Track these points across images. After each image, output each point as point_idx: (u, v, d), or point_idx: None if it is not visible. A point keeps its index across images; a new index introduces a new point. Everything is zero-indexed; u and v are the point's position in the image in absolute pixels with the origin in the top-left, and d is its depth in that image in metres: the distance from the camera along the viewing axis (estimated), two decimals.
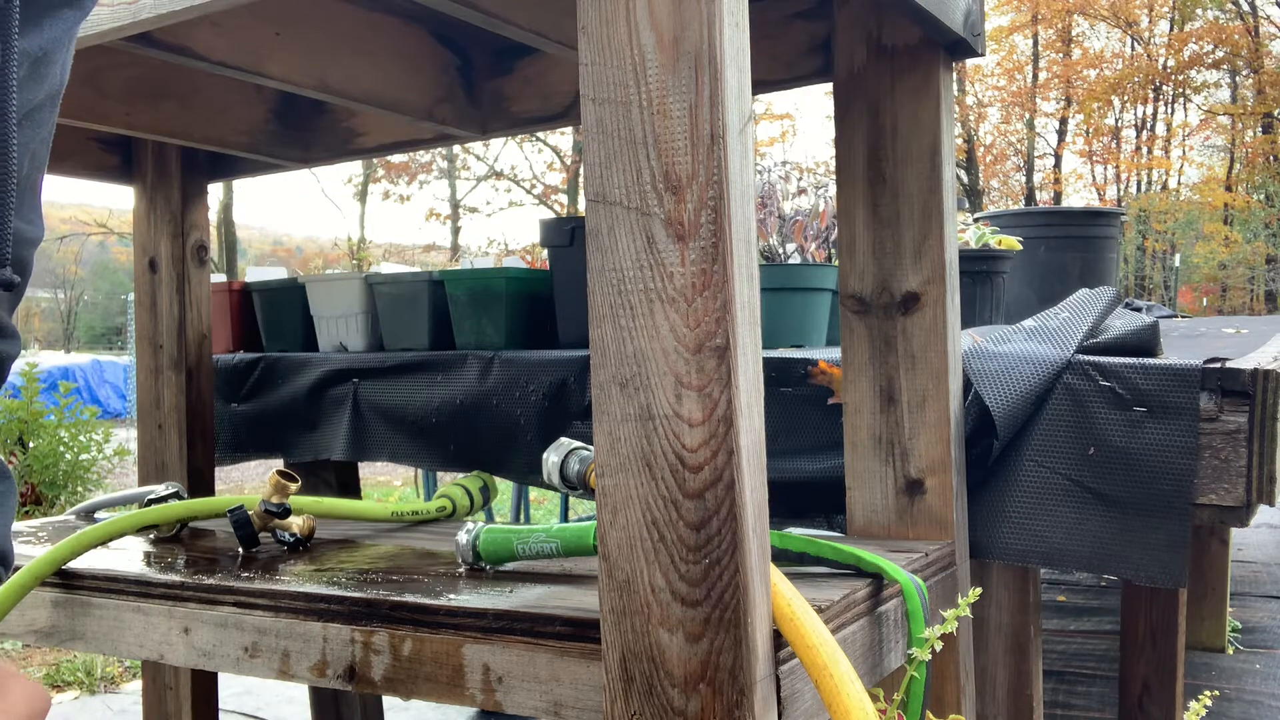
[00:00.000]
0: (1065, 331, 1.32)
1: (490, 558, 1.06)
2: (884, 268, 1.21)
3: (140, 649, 1.11)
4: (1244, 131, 25.29)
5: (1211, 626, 2.68)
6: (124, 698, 2.93)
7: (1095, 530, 1.19)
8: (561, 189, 21.13)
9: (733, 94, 0.75)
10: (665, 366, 0.75)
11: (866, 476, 1.22)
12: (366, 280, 1.98)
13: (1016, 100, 25.99)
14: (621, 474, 0.77)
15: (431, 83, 1.65)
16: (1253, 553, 3.79)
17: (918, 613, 0.97)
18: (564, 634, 0.87)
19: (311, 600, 1.00)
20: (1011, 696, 1.34)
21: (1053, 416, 1.23)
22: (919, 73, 1.19)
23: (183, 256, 1.94)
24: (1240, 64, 24.27)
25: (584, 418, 1.63)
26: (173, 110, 1.70)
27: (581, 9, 0.77)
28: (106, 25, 1.19)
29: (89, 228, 18.62)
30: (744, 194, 0.76)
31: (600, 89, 0.77)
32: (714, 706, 0.75)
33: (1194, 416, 1.15)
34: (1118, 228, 3.06)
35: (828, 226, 2.01)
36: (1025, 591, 1.33)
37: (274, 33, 1.43)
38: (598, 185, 0.77)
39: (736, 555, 0.74)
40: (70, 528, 1.48)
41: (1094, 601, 3.11)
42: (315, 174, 18.69)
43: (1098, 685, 2.40)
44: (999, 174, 27.02)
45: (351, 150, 1.90)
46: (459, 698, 0.92)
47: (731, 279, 0.74)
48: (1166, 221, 24.56)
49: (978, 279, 2.15)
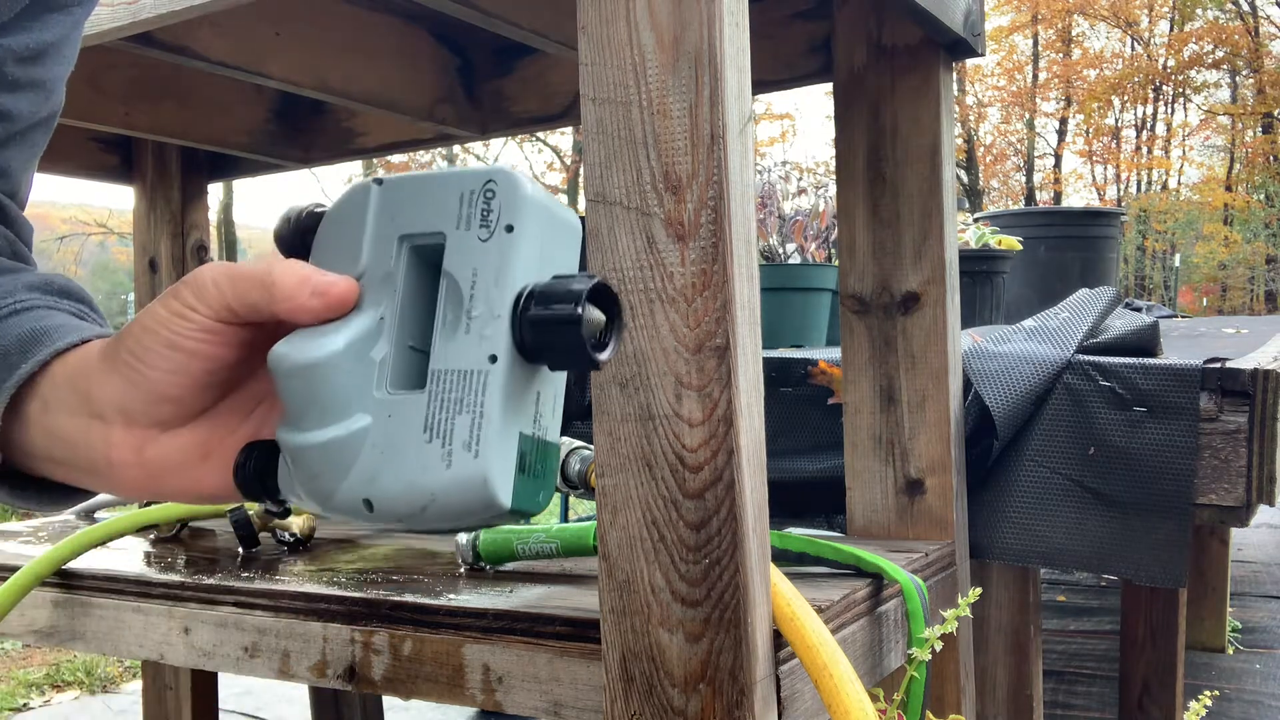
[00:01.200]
0: (1065, 331, 1.32)
1: (490, 558, 1.07)
2: (884, 268, 1.21)
3: (140, 649, 1.11)
4: (1244, 131, 25.30)
5: (1211, 626, 2.68)
6: (124, 698, 2.93)
7: (1095, 530, 1.19)
8: (561, 189, 21.14)
9: (733, 94, 0.75)
10: (665, 366, 0.75)
11: (866, 476, 1.22)
12: None
13: (1016, 100, 26.00)
14: (621, 474, 0.77)
15: (431, 83, 1.65)
16: (1253, 553, 3.79)
17: (918, 613, 0.97)
18: (564, 634, 0.87)
19: (311, 600, 1.00)
20: (1011, 696, 1.34)
21: (1053, 416, 1.23)
22: (919, 73, 1.19)
23: (183, 256, 1.93)
24: (1240, 64, 24.27)
25: (584, 418, 1.63)
26: (172, 110, 1.70)
27: (581, 9, 0.77)
28: (106, 25, 1.19)
29: (89, 228, 18.64)
30: (744, 194, 0.76)
31: (600, 89, 0.77)
32: (714, 706, 0.75)
33: (1194, 416, 1.15)
34: (1118, 228, 3.06)
35: (828, 226, 2.01)
36: (1025, 591, 1.33)
37: (274, 33, 1.43)
38: (598, 185, 0.77)
39: (736, 555, 0.74)
40: (70, 528, 1.48)
41: (1094, 601, 3.11)
42: (315, 174, 18.70)
43: (1098, 685, 2.40)
44: (999, 174, 27.03)
45: (351, 150, 1.90)
46: (459, 698, 0.92)
47: (731, 279, 0.74)
48: (1166, 221, 24.56)
49: (978, 279, 2.15)
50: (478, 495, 0.42)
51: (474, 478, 0.42)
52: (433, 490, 0.43)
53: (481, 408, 0.42)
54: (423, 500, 0.43)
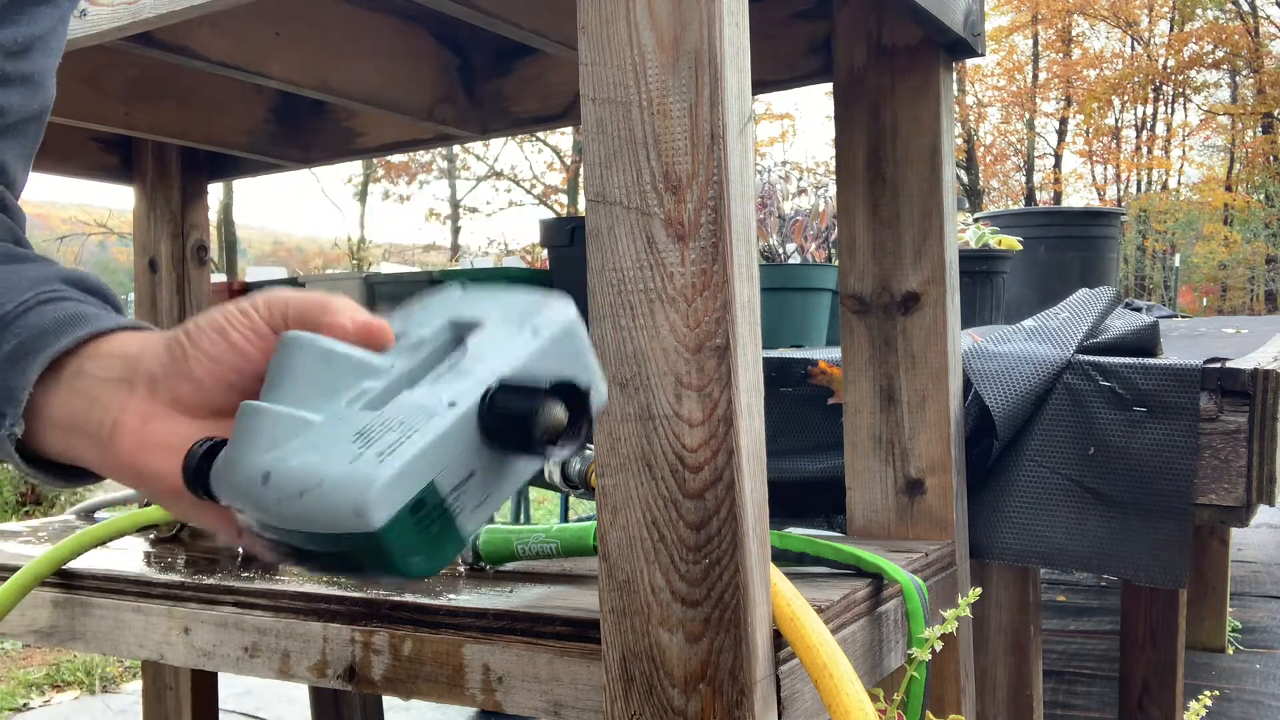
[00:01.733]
0: (1065, 331, 1.32)
1: (490, 558, 1.07)
2: (884, 268, 1.21)
3: (140, 649, 1.11)
4: (1244, 131, 25.30)
5: (1211, 626, 2.68)
6: (124, 698, 2.93)
7: (1095, 530, 1.19)
8: (561, 189, 21.13)
9: (733, 94, 0.75)
10: (665, 366, 0.75)
11: (866, 476, 1.22)
12: (366, 280, 1.98)
13: (1016, 100, 26.00)
14: (621, 474, 0.77)
15: (431, 83, 1.65)
16: (1253, 553, 3.79)
17: (918, 613, 0.97)
18: (564, 634, 0.87)
19: (311, 600, 1.00)
20: (1011, 696, 1.34)
21: (1053, 416, 1.23)
22: (919, 73, 1.19)
23: (183, 256, 1.94)
24: (1240, 64, 24.27)
25: None
26: (172, 110, 1.70)
27: (581, 9, 0.77)
28: (106, 25, 1.19)
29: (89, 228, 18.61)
30: (744, 194, 0.76)
31: (600, 89, 0.77)
32: (714, 706, 0.75)
33: (1194, 416, 1.15)
34: (1118, 228, 3.06)
35: (828, 226, 2.01)
36: (1025, 591, 1.33)
37: (274, 33, 1.43)
38: (598, 185, 0.77)
39: (736, 555, 0.74)
40: (70, 528, 1.48)
41: (1094, 601, 3.10)
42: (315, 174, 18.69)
43: (1098, 685, 2.40)
44: (999, 174, 27.02)
45: (351, 150, 1.90)
46: (459, 698, 0.92)
47: (731, 279, 0.74)
48: (1166, 221, 24.56)
49: (978, 279, 2.15)
50: (355, 497, 0.42)
51: (362, 479, 0.42)
52: (323, 476, 0.43)
53: (413, 433, 0.43)
54: (310, 483, 0.43)
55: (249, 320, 0.50)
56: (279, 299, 0.51)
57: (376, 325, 0.50)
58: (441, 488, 0.44)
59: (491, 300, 0.50)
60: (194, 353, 0.50)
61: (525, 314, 0.48)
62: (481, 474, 0.45)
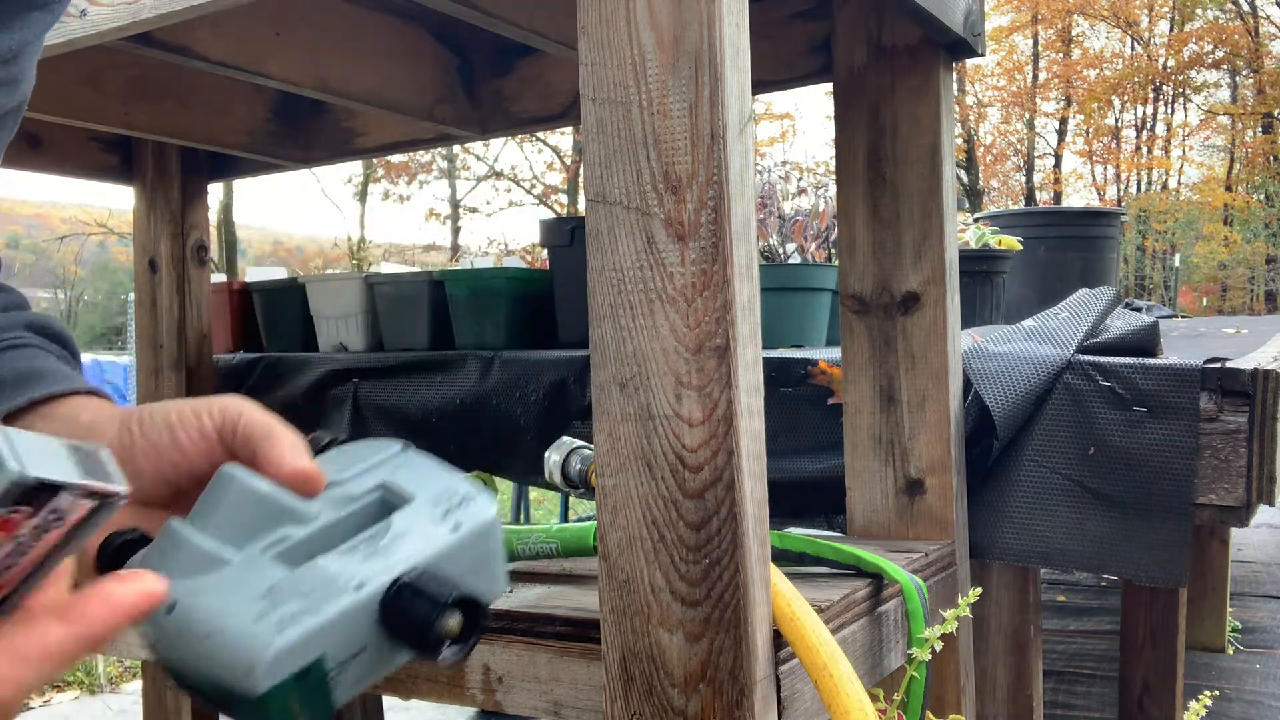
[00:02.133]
0: (1065, 331, 1.32)
1: None
2: (884, 268, 1.21)
3: (140, 649, 1.11)
4: (1244, 131, 25.29)
5: (1211, 626, 2.68)
6: (124, 698, 2.93)
7: (1095, 530, 1.19)
8: (561, 189, 21.12)
9: (733, 94, 0.75)
10: (665, 366, 0.75)
11: (866, 476, 1.22)
12: (366, 280, 1.98)
13: (1016, 100, 25.99)
14: (621, 474, 0.77)
15: (431, 83, 1.65)
16: (1253, 553, 3.78)
17: (918, 613, 0.97)
18: (564, 634, 0.87)
19: None
20: (1011, 696, 1.34)
21: (1053, 416, 1.23)
22: (919, 73, 1.19)
23: (183, 256, 1.94)
24: (1240, 64, 24.27)
25: (584, 418, 1.63)
26: (172, 110, 1.70)
27: (581, 9, 0.77)
28: (106, 25, 1.19)
29: (89, 228, 18.62)
30: (744, 194, 0.76)
31: (600, 89, 0.77)
32: (714, 706, 0.75)
33: (1194, 416, 1.15)
34: (1118, 228, 3.06)
35: (828, 226, 2.01)
36: (1025, 591, 1.33)
37: (274, 33, 1.43)
38: (598, 185, 0.77)
39: (736, 555, 0.74)
40: None
41: (1094, 601, 3.10)
42: (315, 174, 18.69)
43: (1098, 685, 2.39)
44: (999, 174, 27.01)
45: (351, 150, 1.90)
46: (459, 698, 0.92)
47: (731, 279, 0.74)
48: (1166, 221, 24.56)
49: (978, 279, 2.15)
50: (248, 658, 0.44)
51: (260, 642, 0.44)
52: (224, 627, 0.45)
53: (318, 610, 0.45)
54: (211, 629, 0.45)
55: (199, 423, 0.52)
56: (234, 410, 0.52)
57: (309, 473, 0.50)
58: (329, 661, 0.46)
59: (426, 475, 0.52)
60: (142, 443, 0.52)
61: (451, 504, 0.51)
62: (369, 652, 0.48)
